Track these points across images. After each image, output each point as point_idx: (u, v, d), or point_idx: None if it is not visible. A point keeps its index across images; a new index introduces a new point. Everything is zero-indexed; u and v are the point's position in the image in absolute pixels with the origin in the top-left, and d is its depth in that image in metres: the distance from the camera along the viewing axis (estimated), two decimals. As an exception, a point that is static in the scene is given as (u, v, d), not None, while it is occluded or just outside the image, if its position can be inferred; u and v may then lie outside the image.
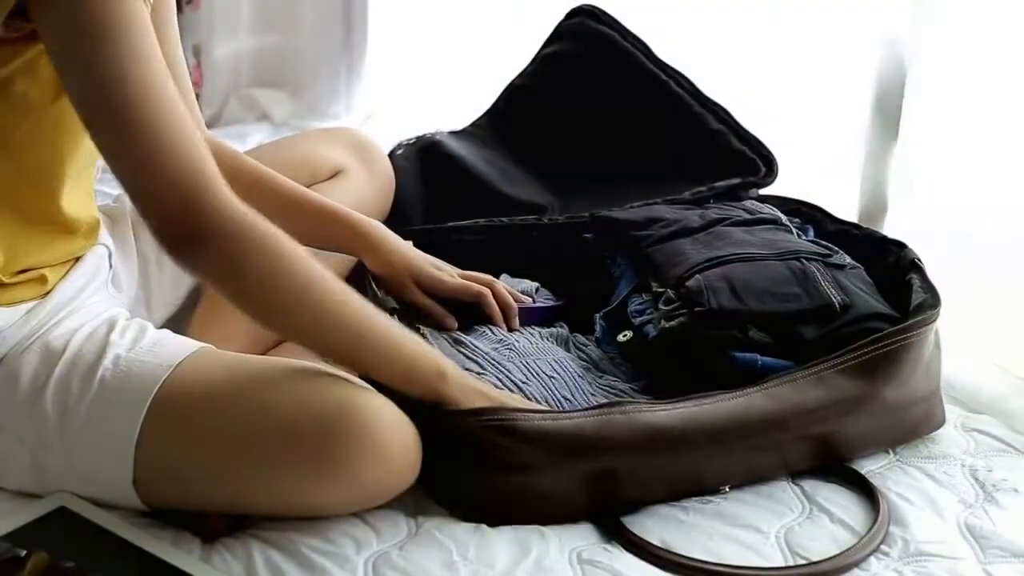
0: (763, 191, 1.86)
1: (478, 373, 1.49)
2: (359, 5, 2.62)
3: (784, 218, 1.73)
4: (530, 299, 1.68)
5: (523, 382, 1.49)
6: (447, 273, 1.63)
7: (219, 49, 2.65)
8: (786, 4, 2.17)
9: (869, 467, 1.50)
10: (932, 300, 1.53)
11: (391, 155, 1.96)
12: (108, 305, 1.45)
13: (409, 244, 1.64)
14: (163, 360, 1.34)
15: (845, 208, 1.93)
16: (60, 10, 1.19)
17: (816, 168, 2.08)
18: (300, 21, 2.65)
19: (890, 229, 1.84)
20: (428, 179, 1.97)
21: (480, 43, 2.53)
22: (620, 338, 1.58)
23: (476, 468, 1.36)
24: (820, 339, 1.50)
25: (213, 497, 1.31)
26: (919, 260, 1.63)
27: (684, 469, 1.41)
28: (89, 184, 1.45)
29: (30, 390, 1.33)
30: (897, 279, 1.62)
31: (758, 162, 1.88)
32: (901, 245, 1.67)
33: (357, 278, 1.64)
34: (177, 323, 1.62)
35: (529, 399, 1.45)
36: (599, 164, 1.99)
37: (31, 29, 1.24)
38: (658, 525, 1.38)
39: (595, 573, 1.30)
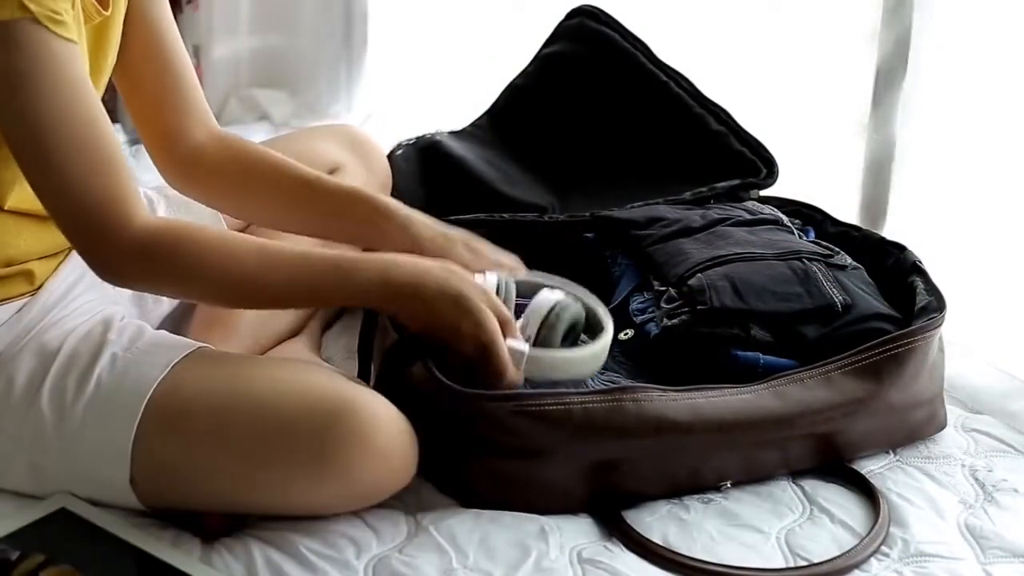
0: (763, 192, 1.86)
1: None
2: (359, 5, 2.61)
3: (785, 219, 1.73)
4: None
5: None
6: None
7: (219, 49, 2.64)
8: (786, 5, 2.17)
9: (869, 467, 1.49)
10: (937, 303, 1.53)
11: (391, 155, 1.95)
12: (104, 304, 1.44)
13: (434, 221, 1.50)
14: (160, 360, 1.34)
15: (845, 209, 1.93)
16: None
17: (816, 169, 2.08)
18: (300, 21, 2.65)
19: (889, 230, 1.84)
20: (428, 179, 1.96)
21: (480, 43, 2.53)
22: (621, 336, 1.58)
23: (486, 454, 1.36)
24: (822, 339, 1.50)
25: (210, 496, 1.31)
26: (920, 262, 1.63)
27: (686, 463, 1.41)
28: None
29: (26, 391, 1.33)
30: (897, 281, 1.62)
31: (758, 163, 1.88)
32: (901, 247, 1.67)
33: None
34: (179, 323, 1.61)
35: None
36: (599, 165, 1.99)
37: None
38: (659, 523, 1.38)
39: (596, 573, 1.30)
